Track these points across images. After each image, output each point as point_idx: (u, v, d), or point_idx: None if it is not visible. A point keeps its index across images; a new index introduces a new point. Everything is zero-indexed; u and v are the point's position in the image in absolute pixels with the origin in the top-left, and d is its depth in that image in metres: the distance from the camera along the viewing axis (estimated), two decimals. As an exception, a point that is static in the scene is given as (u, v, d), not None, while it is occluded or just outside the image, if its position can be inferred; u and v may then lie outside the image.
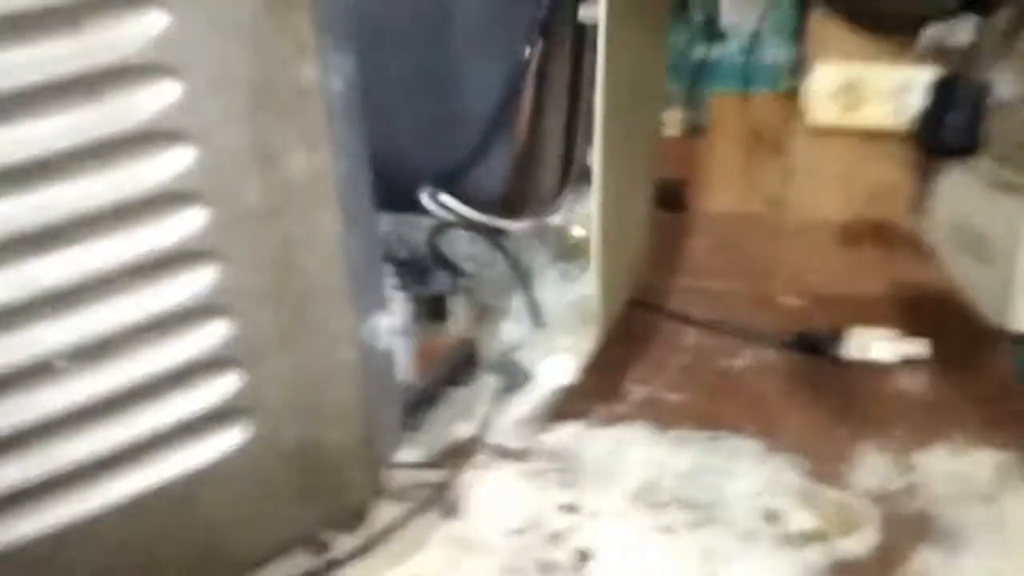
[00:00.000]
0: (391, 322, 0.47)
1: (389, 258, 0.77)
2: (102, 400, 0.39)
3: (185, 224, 0.38)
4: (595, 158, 0.61)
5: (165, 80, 0.37)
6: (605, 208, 0.63)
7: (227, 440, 0.42)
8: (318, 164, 0.41)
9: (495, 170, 0.66)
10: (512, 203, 0.68)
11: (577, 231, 0.67)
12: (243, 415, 0.42)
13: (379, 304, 0.46)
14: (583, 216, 0.68)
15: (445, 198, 0.66)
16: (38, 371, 0.38)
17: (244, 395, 0.42)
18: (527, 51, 0.63)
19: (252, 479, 0.44)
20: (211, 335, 0.41)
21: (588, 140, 0.62)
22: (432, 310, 0.74)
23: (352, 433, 0.47)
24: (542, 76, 0.64)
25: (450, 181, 0.66)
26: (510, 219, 0.69)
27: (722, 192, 1.11)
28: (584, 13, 0.61)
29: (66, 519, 0.39)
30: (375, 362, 0.47)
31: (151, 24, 0.36)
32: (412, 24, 0.64)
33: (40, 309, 0.37)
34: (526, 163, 0.66)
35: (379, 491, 0.51)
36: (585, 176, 0.66)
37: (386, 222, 0.79)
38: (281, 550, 0.47)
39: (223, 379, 0.41)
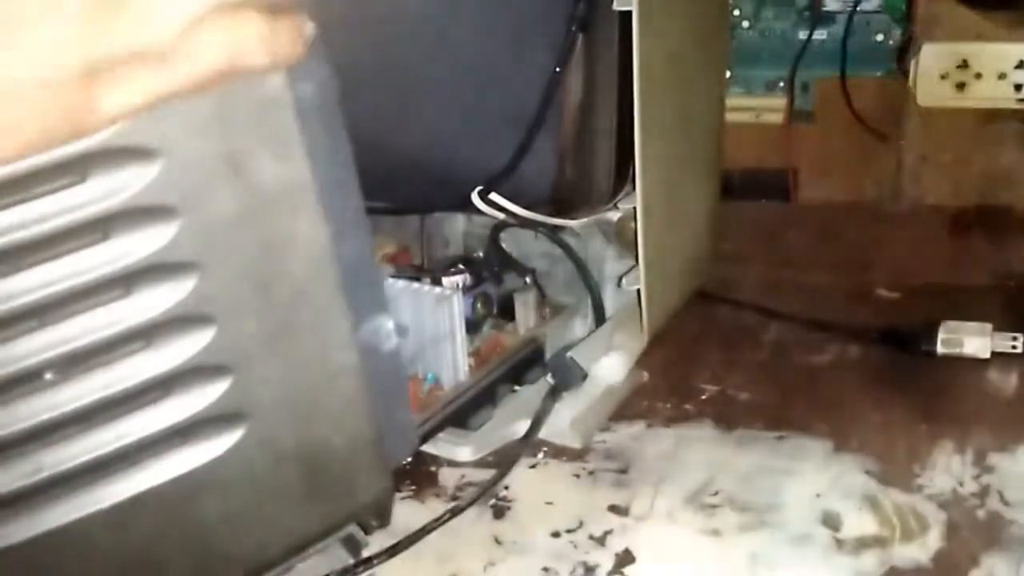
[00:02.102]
0: (393, 324, 0.47)
1: (462, 258, 0.78)
2: (89, 408, 0.40)
3: (158, 236, 0.39)
4: (636, 154, 0.60)
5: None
6: (649, 205, 0.61)
7: (221, 444, 0.43)
8: (292, 171, 0.41)
9: (543, 167, 0.65)
10: (567, 199, 0.68)
11: (635, 225, 0.66)
12: (235, 419, 0.43)
13: (378, 306, 0.46)
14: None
15: (495, 197, 0.66)
16: (26, 382, 0.39)
17: (234, 399, 0.42)
18: (567, 45, 0.62)
19: (251, 482, 0.44)
20: (195, 342, 0.41)
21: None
22: (501, 308, 0.74)
23: (358, 435, 0.47)
24: (588, 70, 0.63)
25: (499, 180, 0.65)
26: (566, 215, 0.68)
27: (829, 180, 1.08)
28: (619, 1, 0.60)
29: (60, 522, 0.41)
30: (378, 364, 0.47)
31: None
32: (451, 24, 0.64)
33: (22, 323, 0.38)
34: (576, 158, 0.65)
35: (393, 492, 0.51)
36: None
37: (459, 222, 0.80)
38: (292, 552, 0.48)
39: (211, 384, 0.42)
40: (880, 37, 1.03)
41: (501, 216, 0.67)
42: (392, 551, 0.56)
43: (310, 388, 0.45)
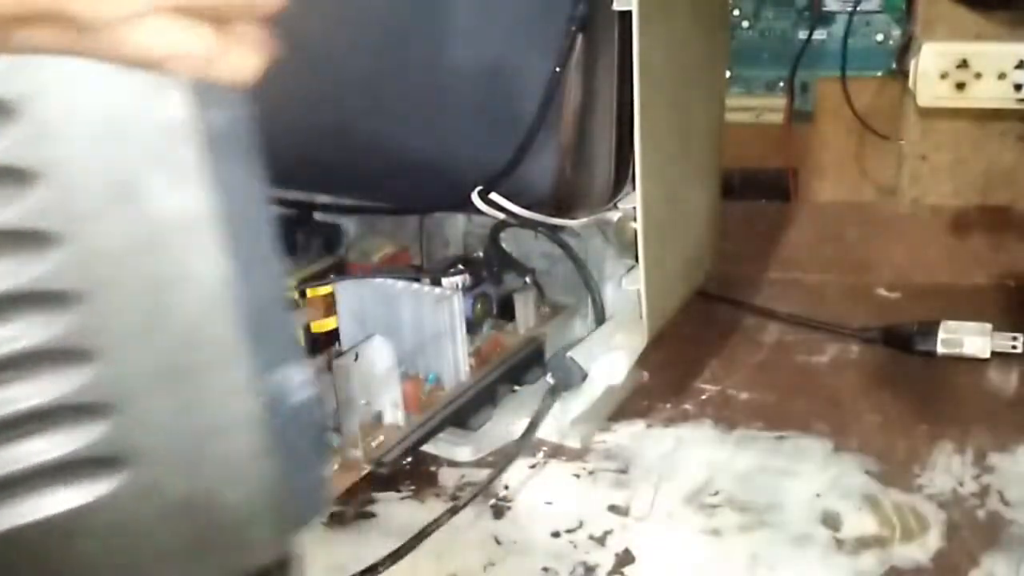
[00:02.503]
0: (304, 375, 0.43)
1: (462, 258, 0.78)
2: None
3: (33, 262, 0.36)
4: (636, 153, 0.60)
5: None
6: (649, 205, 0.61)
7: (96, 488, 0.40)
8: (191, 204, 0.38)
9: (543, 167, 0.65)
10: (567, 199, 0.67)
11: (635, 225, 0.66)
12: (115, 463, 0.40)
13: (286, 355, 0.43)
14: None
15: (495, 197, 0.66)
16: None
17: (114, 442, 0.39)
18: (567, 45, 0.62)
19: (132, 531, 0.41)
20: (71, 378, 0.38)
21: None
22: (501, 308, 0.74)
23: (254, 491, 0.43)
24: (588, 70, 0.63)
25: (499, 180, 0.65)
26: (567, 215, 0.68)
27: (829, 180, 1.08)
28: (619, 1, 0.60)
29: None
30: (284, 417, 0.43)
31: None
32: (450, 24, 0.64)
33: None
34: (576, 158, 0.65)
35: (292, 553, 0.48)
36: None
37: (459, 222, 0.80)
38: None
39: (88, 424, 0.39)
40: (880, 37, 1.04)
41: (501, 216, 0.67)
42: (395, 556, 0.56)
43: (201, 436, 0.41)
